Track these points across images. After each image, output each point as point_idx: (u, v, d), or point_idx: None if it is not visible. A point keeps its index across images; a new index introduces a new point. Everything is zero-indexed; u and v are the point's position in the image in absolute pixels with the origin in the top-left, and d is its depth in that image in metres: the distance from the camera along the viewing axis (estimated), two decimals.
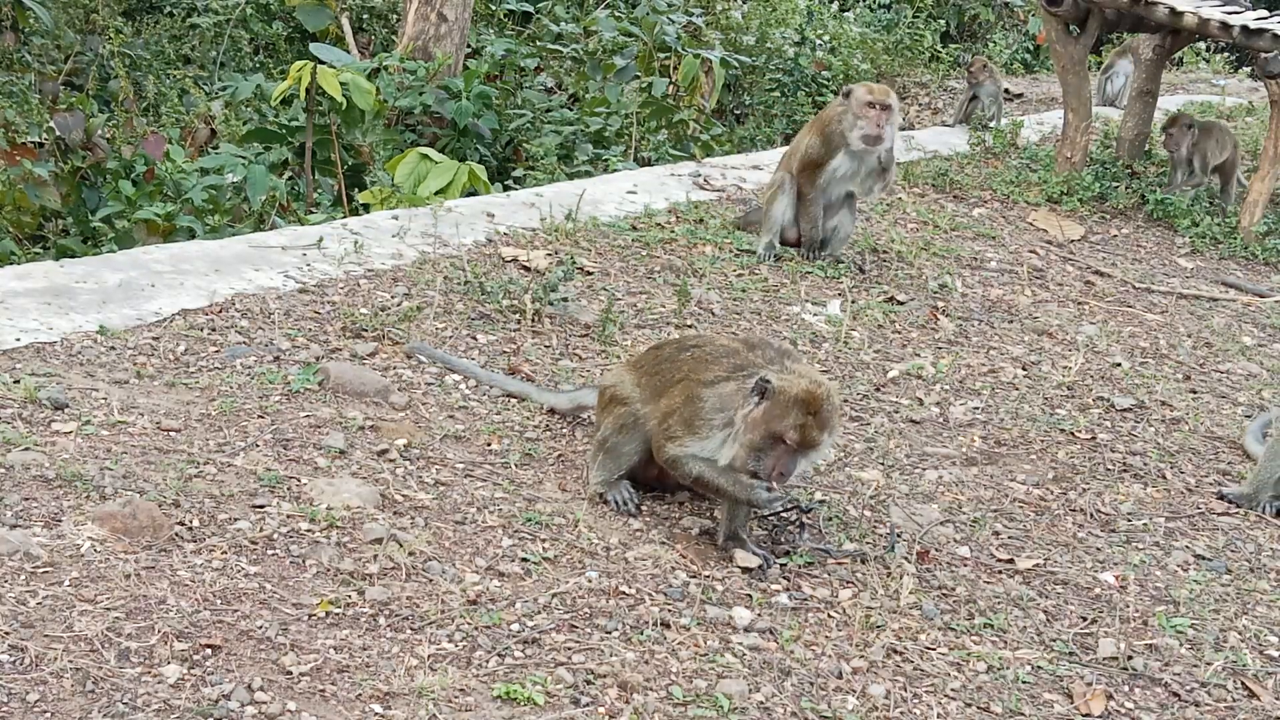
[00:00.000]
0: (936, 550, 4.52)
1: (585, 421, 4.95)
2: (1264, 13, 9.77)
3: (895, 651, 3.89)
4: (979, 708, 3.71)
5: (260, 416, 4.52)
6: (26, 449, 3.99)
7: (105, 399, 4.43)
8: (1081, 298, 7.70)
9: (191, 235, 7.17)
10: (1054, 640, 4.10)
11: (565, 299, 5.92)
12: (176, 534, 3.72)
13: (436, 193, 7.87)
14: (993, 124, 11.52)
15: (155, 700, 3.08)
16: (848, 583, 4.20)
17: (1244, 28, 9.22)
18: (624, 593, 3.89)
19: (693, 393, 4.25)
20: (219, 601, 3.48)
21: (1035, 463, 5.38)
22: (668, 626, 3.77)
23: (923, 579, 4.31)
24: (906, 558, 4.39)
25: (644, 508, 4.44)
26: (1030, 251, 8.41)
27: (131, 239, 7.15)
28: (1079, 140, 9.98)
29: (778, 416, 4.05)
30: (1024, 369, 6.35)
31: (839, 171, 7.16)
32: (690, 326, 6.06)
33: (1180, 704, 3.89)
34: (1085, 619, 4.26)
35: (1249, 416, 6.14)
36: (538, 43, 12.49)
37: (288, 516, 3.90)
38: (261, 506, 3.93)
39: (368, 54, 11.90)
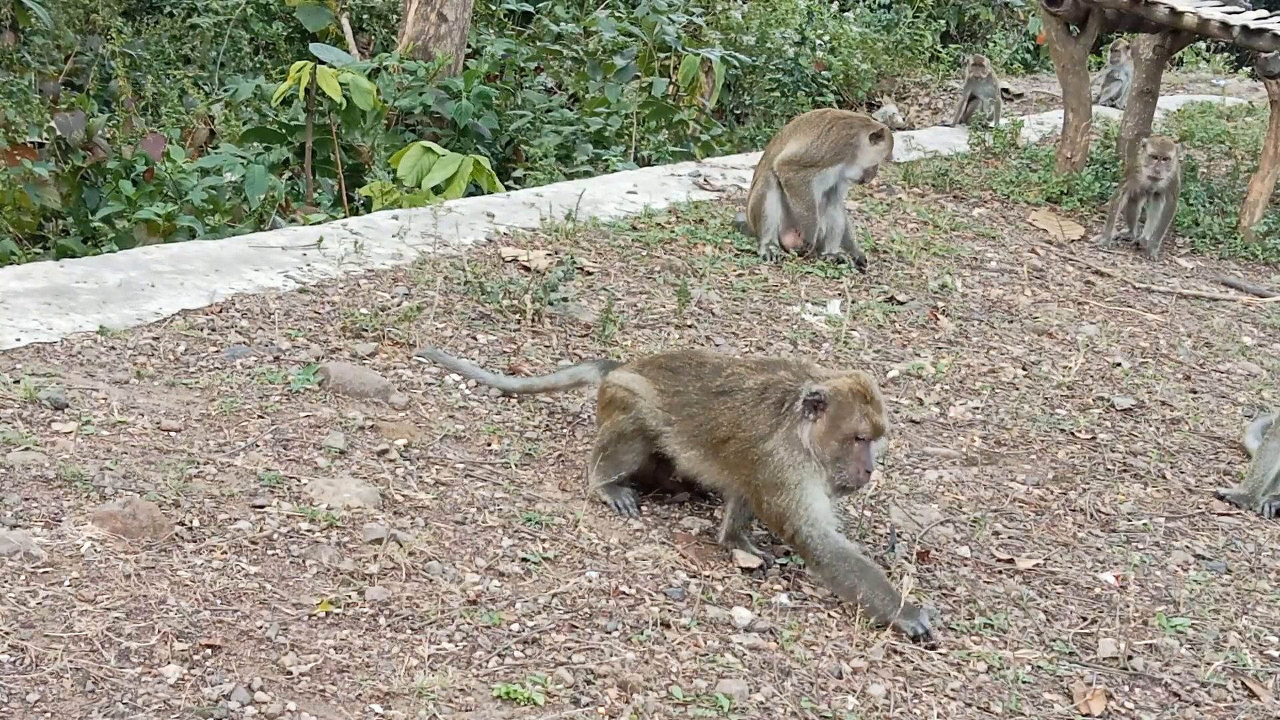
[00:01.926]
0: (936, 550, 4.52)
1: (586, 422, 4.96)
2: (1264, 13, 9.77)
3: (895, 651, 3.89)
4: (979, 708, 3.71)
5: (260, 416, 4.52)
6: (26, 449, 3.99)
7: (105, 399, 4.43)
8: (1081, 298, 7.70)
9: (191, 235, 7.17)
10: (1054, 640, 4.10)
11: (565, 299, 5.92)
12: (176, 534, 3.72)
13: (439, 187, 7.87)
14: (992, 124, 11.51)
15: (155, 700, 3.08)
16: None
17: (1244, 28, 9.22)
18: (624, 593, 3.89)
19: (755, 455, 4.09)
20: (219, 601, 3.48)
21: (1035, 463, 5.38)
22: (668, 626, 3.77)
23: (923, 579, 4.31)
24: (906, 558, 4.39)
25: (644, 508, 4.44)
26: (1030, 251, 8.41)
27: (132, 239, 7.14)
28: (1079, 140, 9.98)
29: (845, 417, 3.98)
30: (1024, 369, 6.35)
31: (827, 180, 7.29)
32: (690, 326, 6.06)
33: (1180, 704, 3.89)
34: (1085, 619, 4.26)
35: (1249, 416, 6.14)
36: (538, 43, 12.49)
37: (288, 516, 3.90)
38: (261, 506, 3.93)
39: (368, 54, 11.90)
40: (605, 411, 4.51)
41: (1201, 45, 17.28)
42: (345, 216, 7.40)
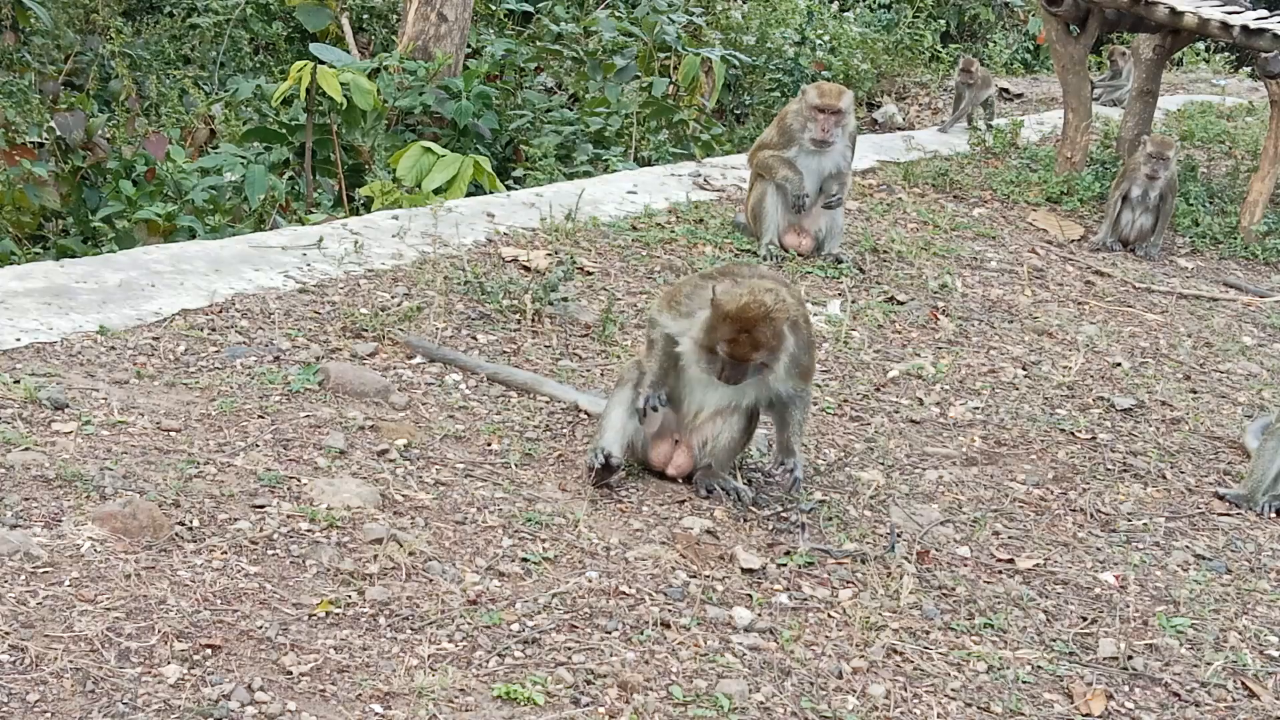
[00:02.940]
0: (936, 550, 4.52)
1: (586, 422, 4.96)
2: (1264, 13, 9.77)
3: (895, 651, 3.89)
4: (979, 708, 3.71)
5: (260, 416, 4.52)
6: (26, 449, 3.99)
7: (105, 399, 4.43)
8: (1081, 298, 7.70)
9: (192, 235, 7.17)
10: (1054, 640, 4.10)
11: (565, 299, 5.92)
12: (176, 534, 3.72)
13: (440, 188, 7.87)
14: (978, 125, 11.44)
15: (155, 700, 3.08)
16: (848, 583, 4.21)
17: (1244, 28, 9.22)
18: (624, 593, 3.89)
19: (689, 279, 4.56)
20: (219, 601, 3.48)
21: (1035, 463, 5.38)
22: (668, 626, 3.77)
23: (923, 579, 4.31)
24: (906, 558, 4.39)
25: (645, 507, 4.44)
26: (1030, 251, 8.41)
27: (132, 239, 7.15)
28: (1079, 140, 9.98)
29: (713, 328, 4.18)
30: (1024, 369, 6.35)
31: (797, 164, 7.22)
32: None
33: (1180, 704, 3.90)
34: (1085, 619, 4.26)
35: (1249, 416, 6.14)
36: (538, 43, 12.49)
37: (288, 516, 3.90)
38: (261, 506, 3.93)
39: (368, 54, 11.90)
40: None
41: (1201, 45, 17.27)
42: (345, 216, 7.40)
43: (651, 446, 4.58)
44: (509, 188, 8.53)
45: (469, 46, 11.49)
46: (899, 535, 4.54)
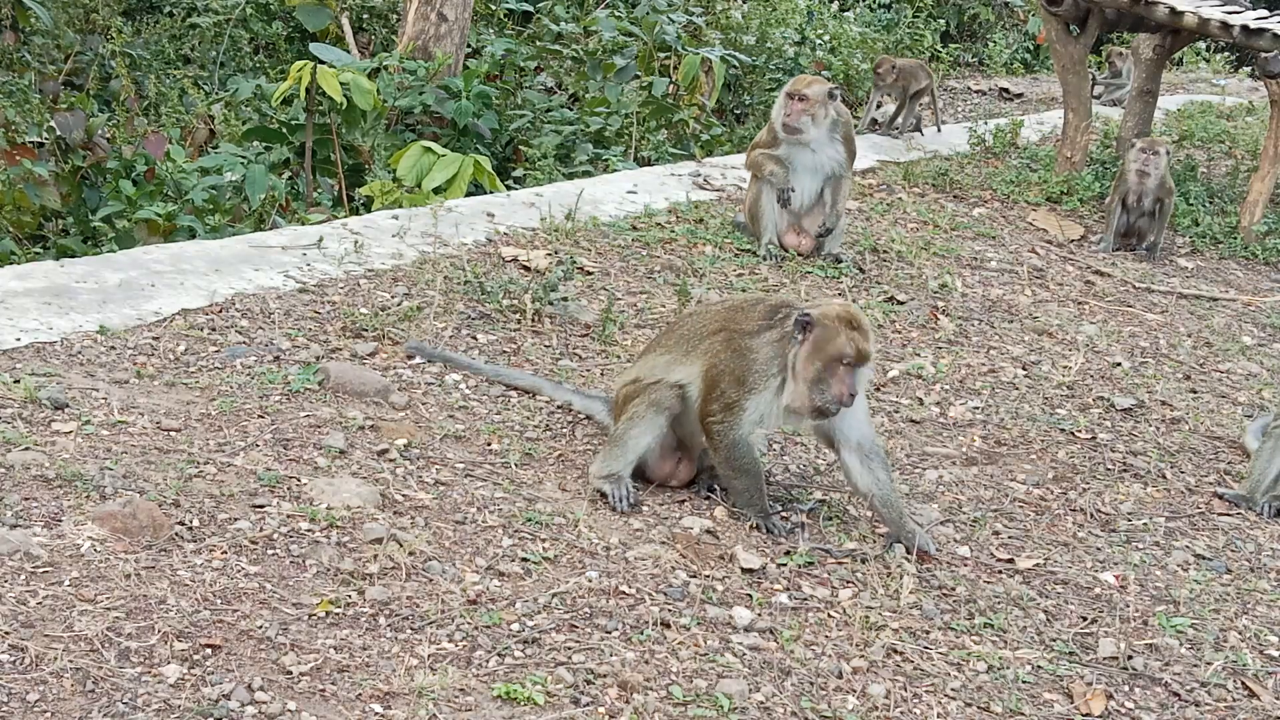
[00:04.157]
0: (937, 550, 4.52)
1: (585, 421, 4.96)
2: (1264, 12, 9.77)
3: (895, 651, 3.89)
4: (979, 708, 3.71)
5: (260, 416, 4.52)
6: (26, 449, 3.99)
7: (105, 399, 4.43)
8: (1081, 298, 7.70)
9: (192, 235, 7.16)
10: (1054, 640, 4.10)
11: (565, 299, 5.93)
12: (176, 534, 3.72)
13: (440, 188, 7.86)
14: (895, 131, 10.98)
15: (155, 700, 3.08)
16: (848, 583, 4.21)
17: (1244, 28, 9.22)
18: (624, 593, 3.89)
19: (738, 345, 4.38)
20: (219, 601, 3.48)
21: (1035, 463, 5.38)
22: (668, 626, 3.77)
23: (923, 579, 4.31)
24: (906, 558, 4.39)
25: (644, 507, 4.44)
26: (1030, 251, 8.41)
27: (132, 239, 7.14)
28: (1079, 140, 9.98)
29: (830, 340, 4.23)
30: (1024, 369, 6.35)
31: (789, 160, 7.24)
32: None
33: (1180, 704, 3.90)
34: (1085, 619, 4.26)
35: (1249, 416, 6.14)
36: (538, 43, 12.48)
37: (288, 516, 3.90)
38: (261, 506, 3.93)
39: (368, 54, 11.89)
40: (621, 408, 4.53)
41: (1201, 45, 17.28)
42: (345, 216, 7.40)
43: (657, 462, 4.56)
44: (509, 188, 8.52)
45: (469, 46, 11.48)
46: None
